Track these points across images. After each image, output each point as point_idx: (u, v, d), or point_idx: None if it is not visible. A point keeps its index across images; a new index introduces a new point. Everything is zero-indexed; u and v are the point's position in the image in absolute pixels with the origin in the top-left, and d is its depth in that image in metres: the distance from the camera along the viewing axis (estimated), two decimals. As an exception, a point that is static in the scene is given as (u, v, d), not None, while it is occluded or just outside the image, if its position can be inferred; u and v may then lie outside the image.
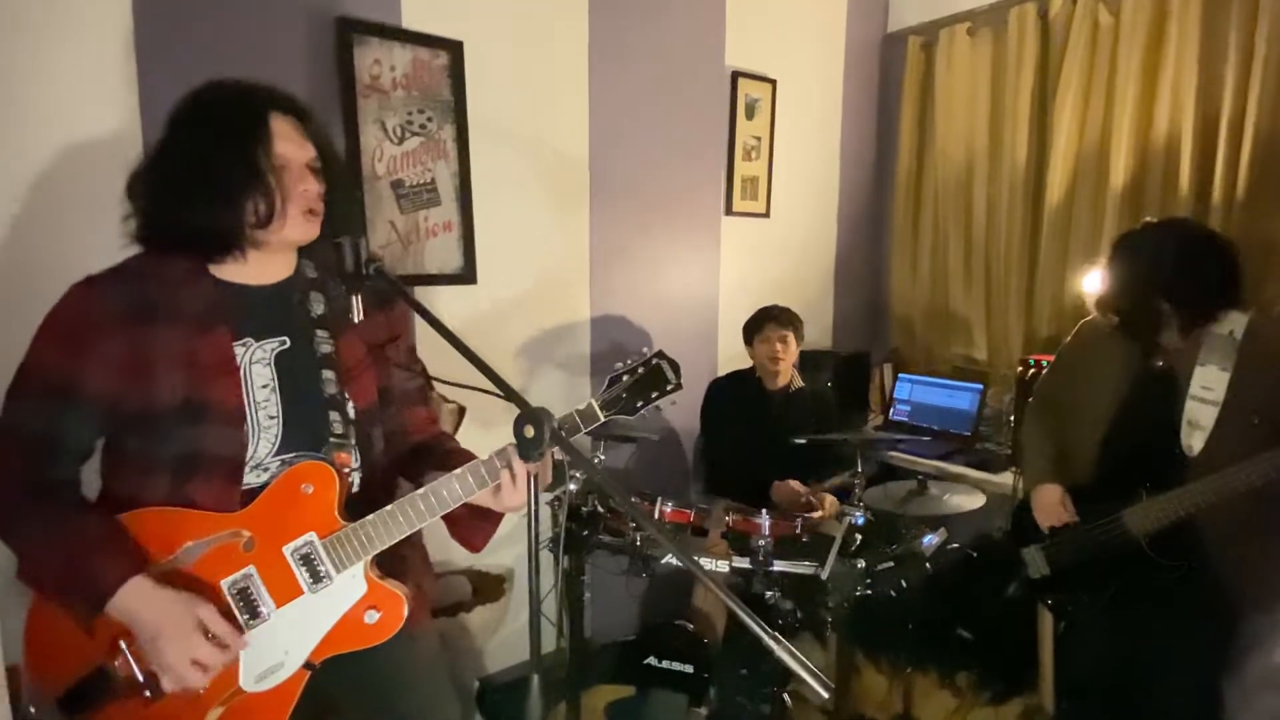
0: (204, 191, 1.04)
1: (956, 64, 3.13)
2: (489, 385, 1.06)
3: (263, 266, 1.14)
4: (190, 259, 1.10)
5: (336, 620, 1.11)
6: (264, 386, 1.12)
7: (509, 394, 1.03)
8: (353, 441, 1.19)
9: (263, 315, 1.14)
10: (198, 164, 1.05)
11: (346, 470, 1.16)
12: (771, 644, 0.85)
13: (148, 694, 1.06)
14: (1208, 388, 1.60)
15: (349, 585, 1.11)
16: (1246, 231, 2.39)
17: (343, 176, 1.22)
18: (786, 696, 2.18)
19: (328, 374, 1.17)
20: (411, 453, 1.32)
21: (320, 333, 1.18)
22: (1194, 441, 1.61)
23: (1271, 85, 2.31)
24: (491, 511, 1.21)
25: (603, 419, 1.17)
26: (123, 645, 1.06)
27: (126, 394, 1.05)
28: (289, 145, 1.09)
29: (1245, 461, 1.50)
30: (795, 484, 2.38)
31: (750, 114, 2.98)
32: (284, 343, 1.15)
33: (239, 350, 1.11)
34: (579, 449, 2.18)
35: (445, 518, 1.17)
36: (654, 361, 1.18)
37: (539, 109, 2.43)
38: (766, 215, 3.11)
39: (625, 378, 1.17)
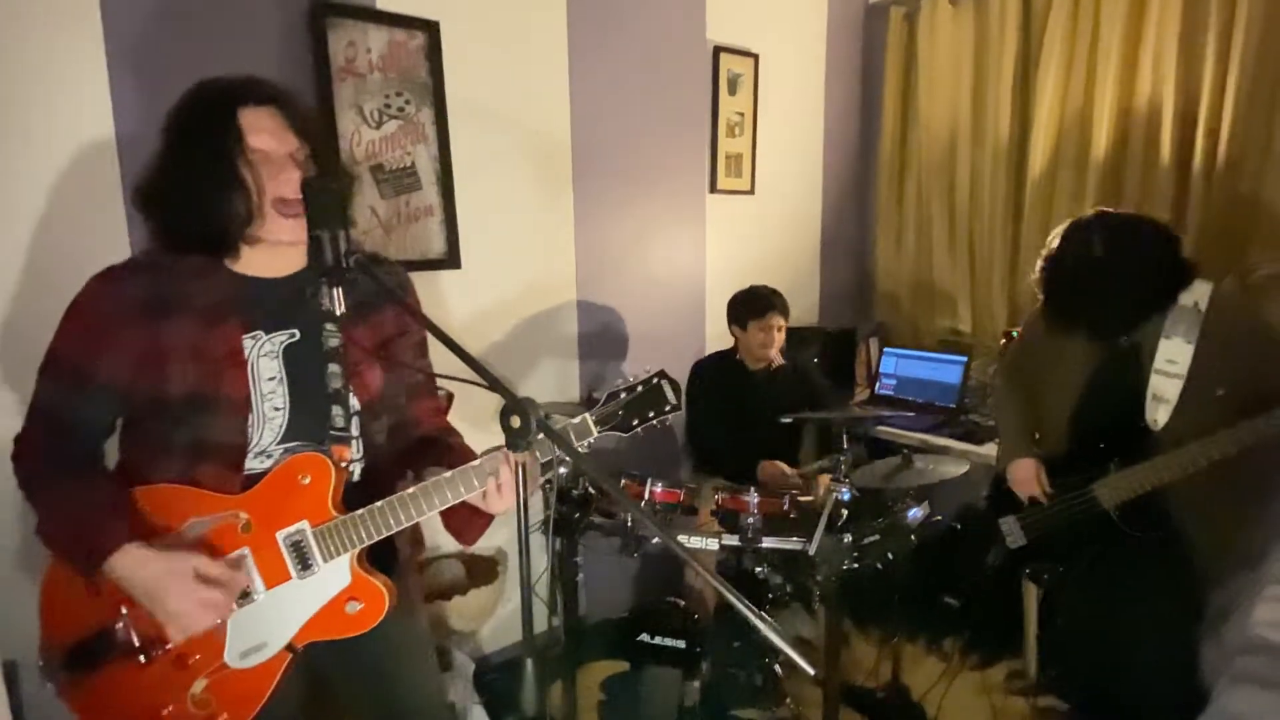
0: (186, 195, 1.07)
1: (939, 35, 3.11)
2: (475, 376, 1.06)
3: (274, 259, 1.16)
4: (205, 254, 1.13)
5: (319, 608, 1.15)
6: (270, 379, 1.15)
7: (494, 384, 1.03)
8: (353, 435, 1.21)
9: (274, 307, 1.17)
10: (178, 169, 1.08)
11: (344, 463, 1.19)
12: (759, 625, 0.87)
13: (141, 659, 1.12)
14: (1172, 360, 1.62)
15: (334, 575, 1.15)
16: (1228, 199, 2.41)
17: (329, 166, 1.21)
18: (777, 667, 2.23)
19: (334, 368, 1.19)
20: (416, 445, 1.33)
21: (329, 326, 1.19)
22: (1159, 415, 1.64)
23: (1253, 54, 2.32)
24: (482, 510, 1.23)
25: (596, 435, 1.17)
26: (123, 610, 1.12)
27: (140, 380, 1.10)
28: (265, 138, 1.09)
29: (1209, 437, 1.53)
30: (781, 464, 2.40)
31: (733, 89, 2.95)
32: (293, 335, 1.18)
33: (248, 343, 1.14)
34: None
35: (440, 511, 1.19)
36: (655, 381, 1.18)
37: (519, 88, 2.40)
38: (751, 192, 3.10)
39: (624, 395, 1.17)
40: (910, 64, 3.26)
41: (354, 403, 1.21)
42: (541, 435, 1.00)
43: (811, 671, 0.84)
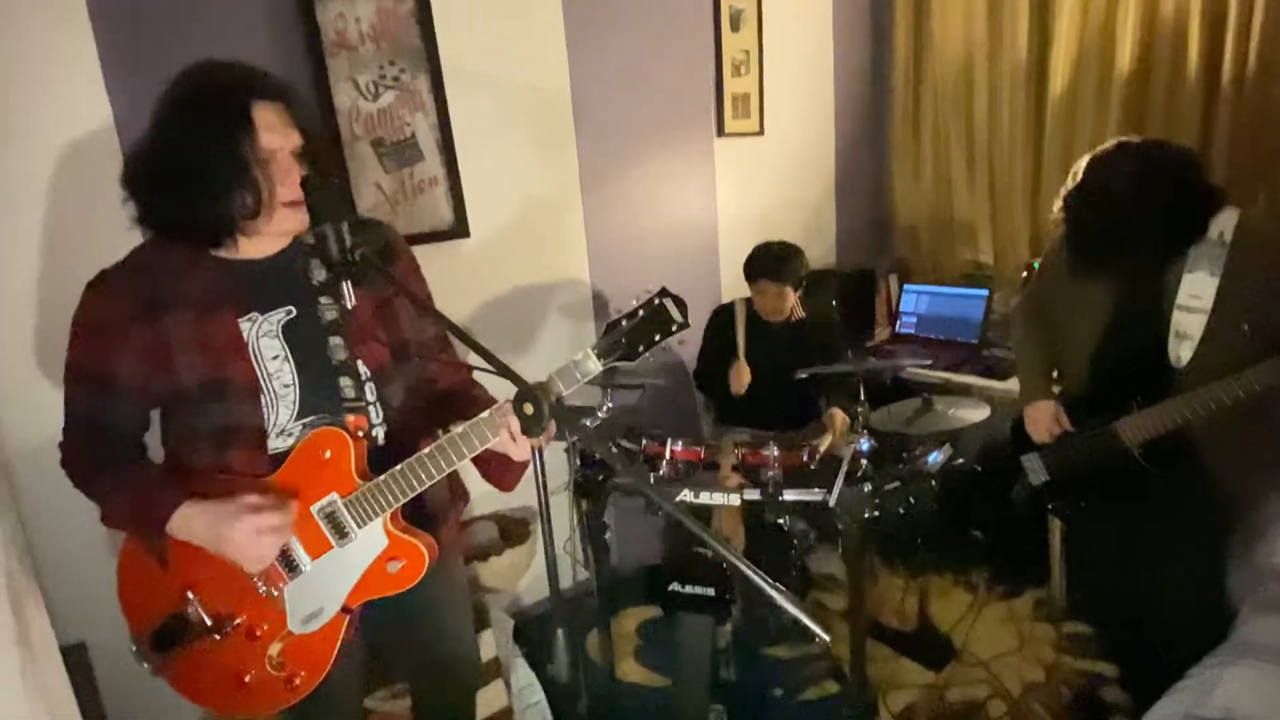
0: (191, 187, 1.07)
1: (952, -49, 2.94)
2: (485, 363, 1.07)
3: (260, 242, 1.18)
4: (190, 245, 1.14)
5: (364, 571, 1.23)
6: (275, 358, 1.18)
7: (503, 371, 1.05)
8: (368, 401, 1.24)
9: (266, 288, 1.19)
10: (184, 159, 1.07)
11: (361, 433, 1.22)
12: (771, 593, 0.90)
13: (216, 636, 1.21)
14: (1195, 295, 1.57)
15: (371, 539, 1.22)
16: (1257, 112, 2.30)
17: (327, 160, 1.22)
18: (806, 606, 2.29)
19: (335, 340, 1.21)
20: (437, 402, 1.36)
21: (324, 299, 1.21)
22: (1182, 352, 1.60)
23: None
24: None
25: (600, 368, 1.14)
26: (189, 595, 1.21)
27: (153, 378, 1.14)
28: (274, 135, 1.10)
29: (1231, 376, 1.50)
30: (742, 363, 2.43)
31: (736, 26, 2.84)
32: (290, 312, 1.20)
33: (245, 326, 1.17)
34: (585, 399, 2.21)
35: (474, 460, 1.22)
36: (657, 302, 1.12)
37: (514, 45, 2.34)
38: (760, 133, 3.01)
39: (624, 322, 1.13)
40: (922, -17, 3.10)
41: (364, 370, 1.23)
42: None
43: (823, 635, 0.87)
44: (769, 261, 2.40)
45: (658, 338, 1.14)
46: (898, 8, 3.17)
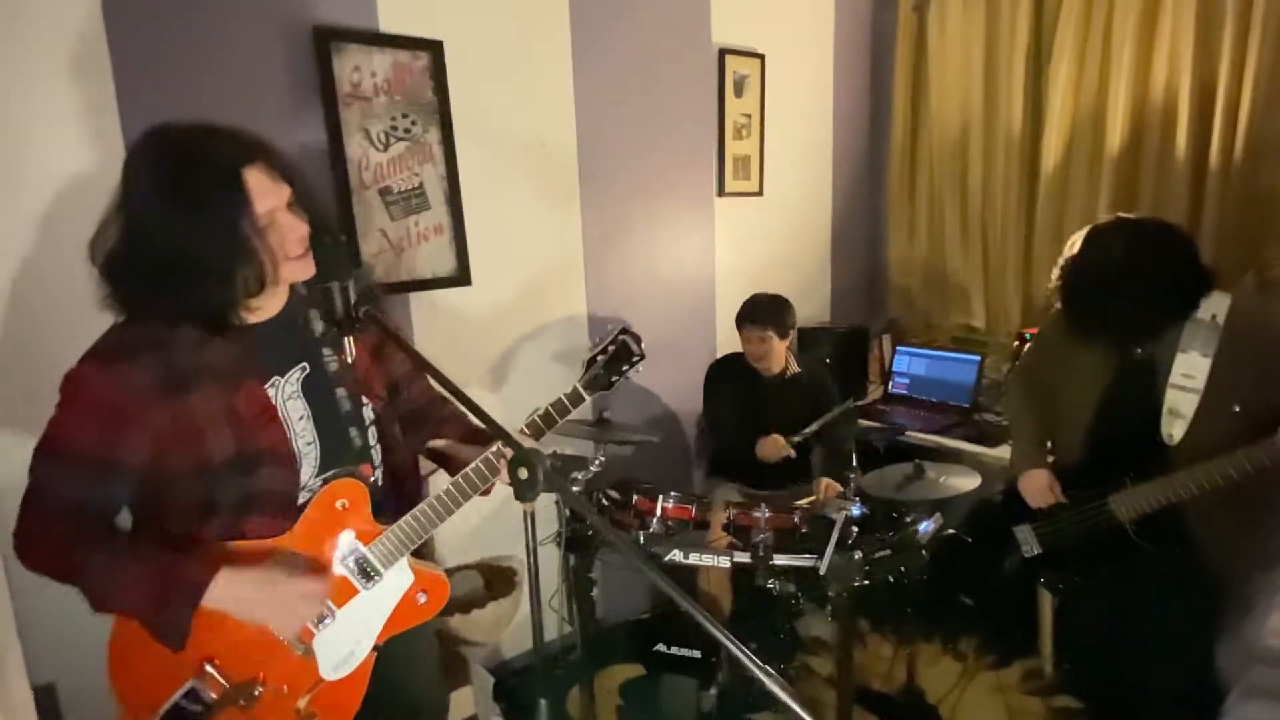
0: (191, 272, 1.01)
1: (950, 28, 3.06)
2: (480, 421, 1.08)
3: (266, 301, 1.14)
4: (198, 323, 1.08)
5: (394, 607, 1.27)
6: (300, 418, 1.19)
7: (497, 431, 1.05)
8: (372, 445, 1.26)
9: (279, 348, 1.18)
10: (179, 244, 1.00)
11: (371, 479, 1.25)
12: (760, 675, 0.89)
13: (242, 702, 1.17)
14: (1189, 375, 1.60)
15: (398, 577, 1.26)
16: (1244, 195, 2.37)
17: (323, 213, 1.20)
18: (793, 671, 2.26)
19: (340, 391, 1.22)
20: (410, 424, 1.38)
21: (326, 350, 1.22)
22: (1175, 430, 1.63)
23: (1270, 45, 2.26)
24: None
25: (587, 399, 1.32)
26: (208, 668, 1.16)
27: (171, 458, 1.08)
28: (268, 198, 1.05)
29: (1224, 456, 1.52)
30: (777, 438, 2.40)
31: (739, 91, 2.93)
32: (305, 369, 1.20)
33: (271, 392, 1.15)
34: (579, 452, 2.21)
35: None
36: (620, 338, 1.32)
37: (524, 102, 2.41)
38: (760, 194, 3.08)
39: (599, 358, 1.32)
40: (920, 57, 3.21)
41: (368, 416, 1.25)
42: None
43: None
44: (755, 309, 2.51)
45: (624, 369, 1.33)
46: (897, 77, 3.27)
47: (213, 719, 1.16)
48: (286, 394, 1.17)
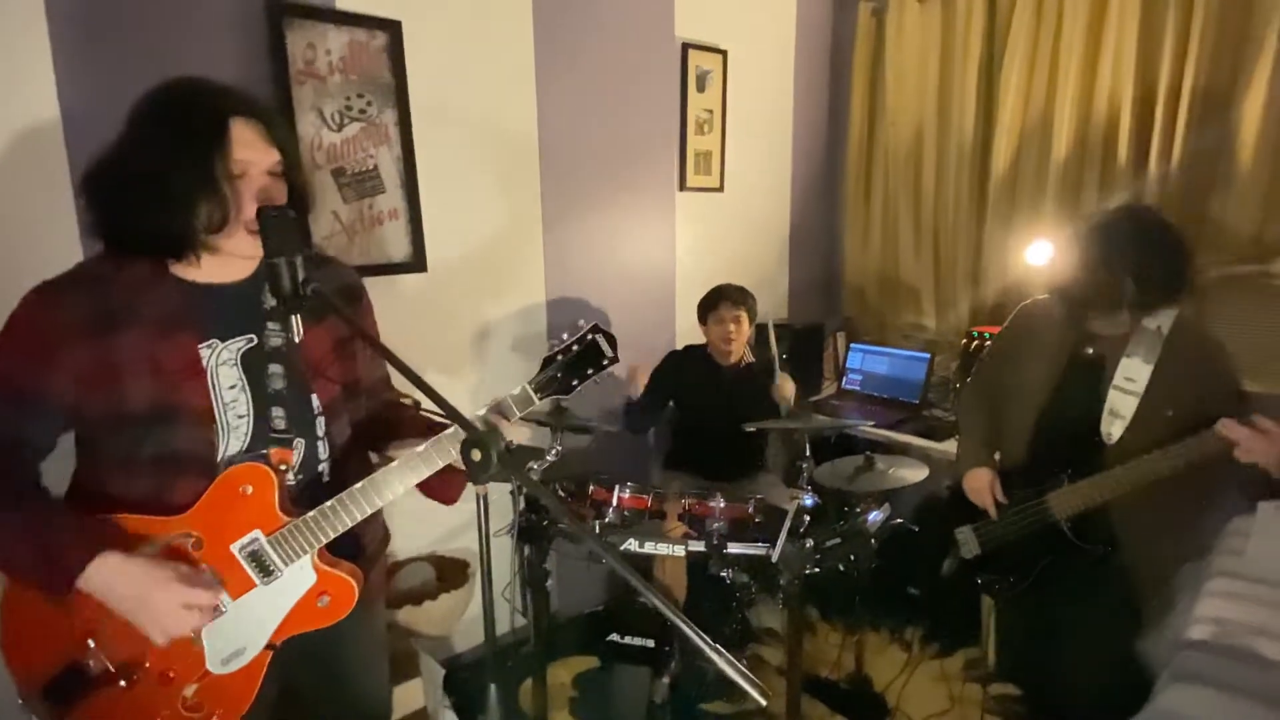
0: (157, 194, 1.03)
1: (907, 32, 3.12)
2: (435, 404, 1.06)
3: (226, 266, 1.14)
4: (150, 260, 1.09)
5: (290, 608, 1.17)
6: (231, 387, 1.14)
7: (452, 415, 1.03)
8: (309, 435, 1.20)
9: (228, 314, 1.15)
10: (153, 166, 1.03)
11: (284, 467, 1.18)
12: (710, 653, 0.89)
13: (122, 683, 1.12)
14: (1130, 379, 1.67)
15: (299, 576, 1.17)
16: (1179, 203, 2.47)
17: (303, 190, 1.19)
18: (745, 660, 2.28)
19: (275, 368, 1.17)
20: (367, 424, 1.33)
21: (271, 325, 1.18)
22: (1113, 430, 1.69)
23: (1208, 55, 2.36)
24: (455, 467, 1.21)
25: (537, 402, 1.18)
26: (90, 643, 1.11)
27: (91, 399, 1.06)
28: (250, 151, 1.07)
29: (1158, 451, 1.59)
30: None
31: (701, 86, 2.95)
32: (251, 340, 1.16)
33: (205, 352, 1.12)
34: (536, 442, 2.19)
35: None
36: (589, 337, 1.16)
37: (484, 87, 2.37)
38: (720, 190, 3.10)
39: (560, 357, 1.17)
40: (878, 60, 3.27)
41: (316, 404, 1.21)
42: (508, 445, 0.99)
43: (762, 701, 0.87)
44: (729, 289, 2.58)
45: (590, 372, 1.17)
46: (855, 79, 3.33)
47: (93, 696, 1.12)
48: (221, 359, 1.14)
